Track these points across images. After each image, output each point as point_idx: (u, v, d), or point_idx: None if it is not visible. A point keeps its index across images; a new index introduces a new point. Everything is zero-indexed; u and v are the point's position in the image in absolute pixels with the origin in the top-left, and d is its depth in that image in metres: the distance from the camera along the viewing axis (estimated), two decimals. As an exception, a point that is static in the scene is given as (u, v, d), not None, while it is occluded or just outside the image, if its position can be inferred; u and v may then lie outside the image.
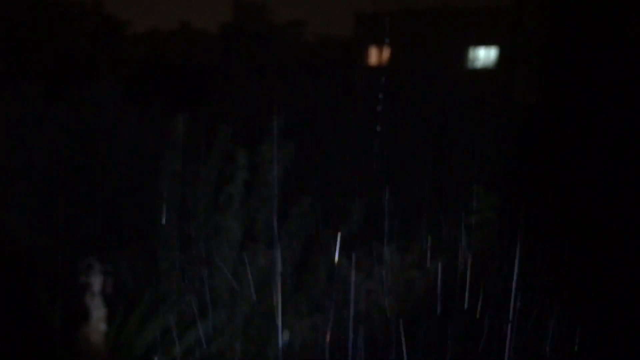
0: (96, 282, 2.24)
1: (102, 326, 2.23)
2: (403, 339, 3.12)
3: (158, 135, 3.54)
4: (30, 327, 2.19)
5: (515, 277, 2.85)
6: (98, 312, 2.23)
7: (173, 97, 4.35)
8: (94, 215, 3.46)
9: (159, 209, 3.07)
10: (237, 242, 2.82)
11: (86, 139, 4.03)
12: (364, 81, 5.49)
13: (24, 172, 3.63)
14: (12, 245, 3.06)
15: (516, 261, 2.90)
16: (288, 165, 3.14)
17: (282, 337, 2.96)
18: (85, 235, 3.14)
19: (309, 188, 3.26)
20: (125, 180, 3.74)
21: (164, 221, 3.05)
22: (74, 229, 3.18)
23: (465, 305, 3.14)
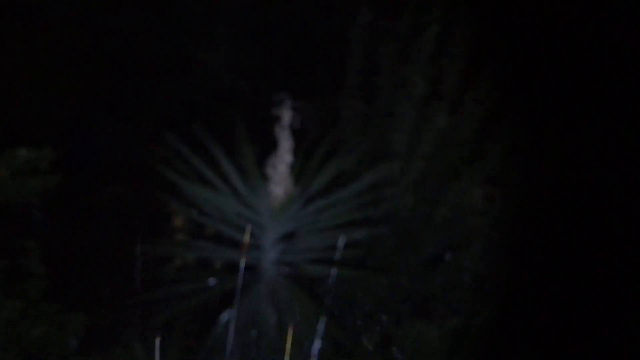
0: (286, 115, 2.37)
1: (289, 157, 2.39)
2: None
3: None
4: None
5: None
6: (286, 143, 2.38)
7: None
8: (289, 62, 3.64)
9: (348, 59, 3.12)
10: (420, 98, 2.80)
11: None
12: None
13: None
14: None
15: None
16: (484, 27, 2.97)
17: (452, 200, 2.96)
18: (276, 79, 3.33)
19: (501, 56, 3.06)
20: (319, 35, 3.83)
21: (351, 72, 3.10)
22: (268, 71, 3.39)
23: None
